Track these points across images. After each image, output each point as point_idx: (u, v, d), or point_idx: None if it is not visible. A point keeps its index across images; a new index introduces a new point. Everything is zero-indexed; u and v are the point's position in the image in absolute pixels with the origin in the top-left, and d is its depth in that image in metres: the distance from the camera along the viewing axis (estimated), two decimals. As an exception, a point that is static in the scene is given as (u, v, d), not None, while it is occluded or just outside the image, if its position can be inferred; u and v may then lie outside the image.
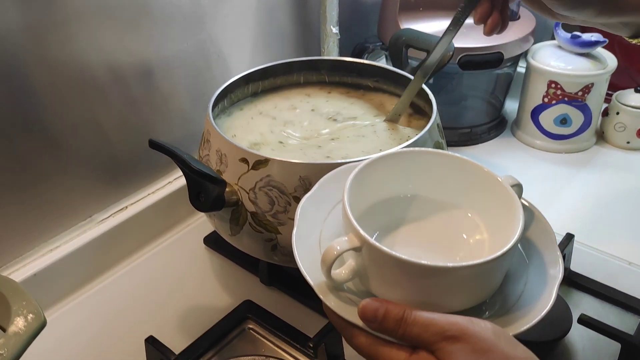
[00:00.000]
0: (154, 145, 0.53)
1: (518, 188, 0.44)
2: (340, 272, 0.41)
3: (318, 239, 0.44)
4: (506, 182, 0.44)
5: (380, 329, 0.38)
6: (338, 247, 0.39)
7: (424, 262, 0.38)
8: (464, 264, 0.38)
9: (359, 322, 0.39)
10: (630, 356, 0.53)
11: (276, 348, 0.56)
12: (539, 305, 0.40)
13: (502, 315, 0.41)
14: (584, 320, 0.54)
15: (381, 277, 0.40)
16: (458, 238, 0.46)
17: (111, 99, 0.66)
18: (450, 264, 0.38)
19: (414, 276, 0.39)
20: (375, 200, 0.46)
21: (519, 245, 0.44)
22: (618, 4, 0.50)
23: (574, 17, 0.53)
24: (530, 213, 0.46)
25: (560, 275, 0.42)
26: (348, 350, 0.55)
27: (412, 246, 0.45)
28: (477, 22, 0.56)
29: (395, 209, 0.47)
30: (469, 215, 0.46)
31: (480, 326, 0.37)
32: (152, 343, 0.53)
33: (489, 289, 0.42)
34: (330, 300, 0.40)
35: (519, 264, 0.44)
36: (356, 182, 0.43)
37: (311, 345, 0.52)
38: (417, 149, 0.48)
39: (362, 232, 0.39)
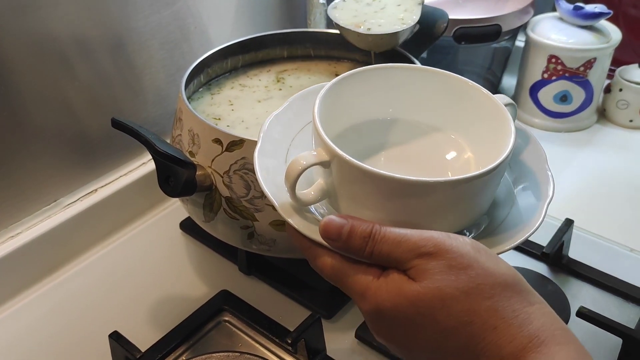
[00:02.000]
0: (117, 124, 0.49)
1: (512, 107, 0.41)
2: (309, 192, 0.37)
3: (284, 158, 0.40)
4: (497, 99, 0.40)
5: (346, 248, 0.34)
6: (303, 162, 0.35)
7: (402, 176, 0.34)
8: (448, 179, 0.34)
9: (323, 241, 0.35)
10: (632, 350, 0.50)
11: (254, 342, 0.53)
12: (527, 225, 0.37)
13: (487, 236, 0.38)
14: (583, 314, 0.51)
15: (353, 196, 0.36)
16: (442, 161, 0.42)
17: (79, 74, 0.62)
18: (432, 179, 0.34)
19: (389, 194, 0.35)
20: (350, 123, 0.42)
21: (508, 167, 0.41)
22: None
23: None
24: (523, 134, 0.43)
25: (550, 194, 0.39)
26: (330, 344, 0.51)
27: (392, 171, 0.41)
28: None
29: (373, 133, 0.43)
30: (453, 137, 0.43)
31: (459, 241, 0.33)
32: (116, 339, 0.49)
33: (475, 212, 0.38)
34: (293, 219, 0.36)
35: (506, 188, 0.41)
36: (328, 97, 0.39)
37: (289, 340, 0.49)
38: (396, 64, 0.43)
39: (331, 144, 0.35)
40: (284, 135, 0.42)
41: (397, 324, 0.34)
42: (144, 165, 0.69)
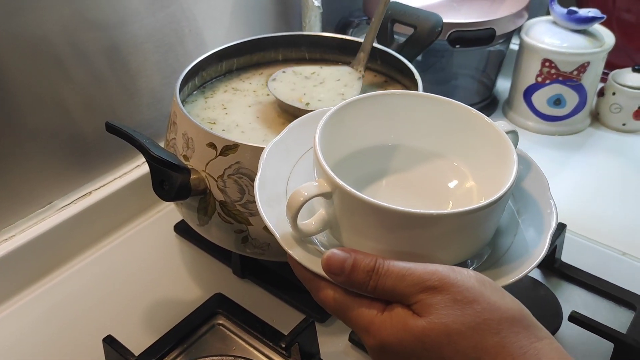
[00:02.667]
0: (111, 128, 0.49)
1: (513, 135, 0.41)
2: (310, 222, 0.37)
3: (285, 187, 0.40)
4: (499, 126, 0.40)
5: (349, 282, 0.34)
6: (305, 193, 0.35)
7: (403, 209, 0.33)
8: (450, 211, 0.34)
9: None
10: (623, 355, 0.50)
11: (248, 346, 0.53)
12: (531, 256, 0.37)
13: (490, 268, 0.37)
14: (575, 318, 0.51)
15: (355, 227, 0.36)
16: (444, 188, 0.42)
17: (73, 76, 0.62)
18: (433, 212, 0.34)
19: (391, 226, 0.34)
20: (351, 149, 0.42)
21: (511, 195, 0.41)
22: None
23: None
24: (524, 161, 0.42)
25: (554, 224, 0.38)
26: (324, 348, 0.51)
27: (394, 199, 0.40)
28: None
29: (375, 159, 0.43)
30: (456, 164, 0.42)
31: (464, 275, 0.33)
32: (110, 343, 0.49)
33: (479, 242, 0.38)
34: (295, 251, 0.36)
35: (509, 215, 0.41)
36: (329, 125, 0.39)
37: (283, 344, 0.49)
38: (398, 91, 0.43)
39: (333, 175, 0.35)
40: (285, 163, 0.41)
41: (402, 359, 0.33)
42: (138, 167, 0.69)
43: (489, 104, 0.88)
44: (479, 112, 0.41)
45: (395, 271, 0.33)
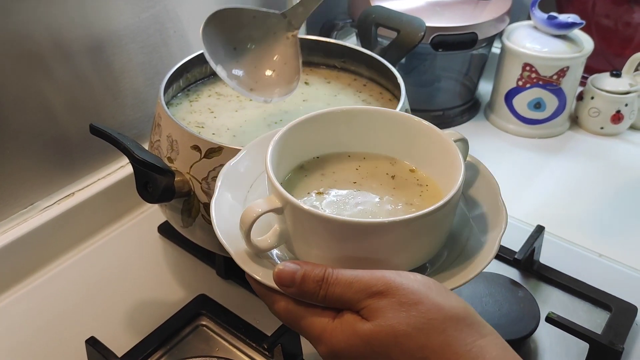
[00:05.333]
0: (96, 131, 0.49)
1: (462, 143, 0.42)
2: (265, 239, 0.38)
3: (242, 205, 0.41)
4: (448, 135, 0.41)
5: (300, 293, 0.35)
6: (258, 209, 0.36)
7: (351, 219, 0.35)
8: (398, 219, 0.35)
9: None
10: (598, 355, 0.51)
11: (231, 347, 0.53)
12: (480, 260, 0.38)
13: (443, 271, 0.39)
14: (552, 319, 0.52)
15: (307, 240, 0.37)
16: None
17: (57, 76, 0.61)
18: (382, 220, 0.35)
19: (342, 237, 0.36)
20: (305, 160, 0.44)
21: (461, 201, 0.42)
22: None
23: None
24: (474, 168, 0.44)
25: (502, 229, 0.40)
26: (307, 349, 0.52)
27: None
28: None
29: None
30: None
31: (409, 278, 0.34)
32: (92, 344, 0.49)
33: (432, 246, 0.39)
34: (249, 267, 0.37)
35: (462, 221, 0.42)
36: (282, 142, 0.40)
37: (266, 345, 0.49)
38: (348, 107, 0.45)
39: (283, 191, 0.36)
40: (242, 182, 0.43)
41: None
42: (122, 168, 0.69)
43: (471, 106, 0.89)
44: (429, 123, 0.42)
45: (343, 279, 0.34)
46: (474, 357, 0.32)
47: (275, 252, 0.41)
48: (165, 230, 0.66)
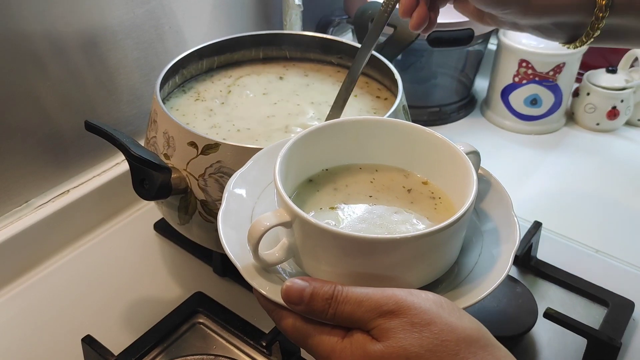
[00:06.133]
0: (91, 127, 0.48)
1: (474, 156, 0.41)
2: (273, 253, 0.37)
3: (250, 217, 0.40)
4: (460, 148, 0.40)
5: (308, 311, 0.34)
6: (266, 223, 0.35)
7: (362, 235, 0.34)
8: (410, 235, 0.34)
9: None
10: (596, 351, 0.51)
11: (228, 345, 0.53)
12: (493, 277, 0.37)
13: (455, 289, 0.38)
14: (550, 315, 0.52)
15: (316, 255, 0.36)
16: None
17: (51, 73, 0.61)
18: (392, 236, 0.34)
19: (352, 252, 0.35)
20: (315, 172, 0.43)
21: (473, 215, 0.41)
22: (540, 3, 0.46)
23: (502, 18, 0.49)
24: (486, 182, 0.43)
25: (516, 244, 0.39)
26: (305, 346, 0.52)
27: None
28: (401, 15, 0.51)
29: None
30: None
31: (421, 297, 0.33)
32: (89, 343, 0.49)
33: (443, 263, 0.38)
34: (256, 282, 0.36)
35: (474, 235, 0.41)
36: (291, 153, 0.39)
37: (264, 343, 0.49)
38: (357, 117, 0.44)
39: (292, 204, 0.35)
40: (250, 193, 0.41)
41: None
42: (118, 165, 0.68)
43: (467, 103, 0.89)
44: (441, 135, 0.41)
45: (353, 297, 0.33)
46: None
47: (283, 266, 0.40)
48: (162, 227, 0.65)
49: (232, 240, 0.38)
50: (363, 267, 0.35)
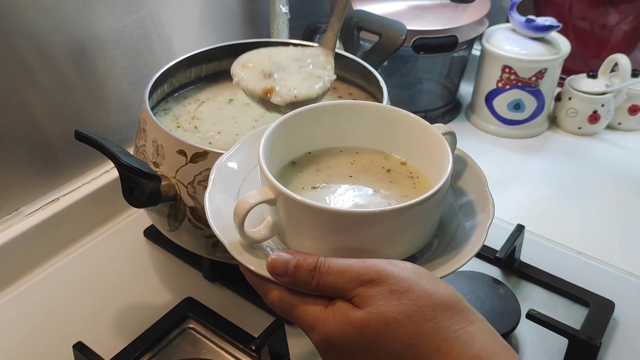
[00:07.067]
0: (81, 136, 0.49)
1: (450, 136, 0.43)
2: (258, 230, 0.39)
3: (236, 197, 0.42)
4: (435, 128, 0.42)
5: (293, 282, 0.36)
6: (251, 201, 0.37)
7: (343, 209, 0.36)
8: (389, 208, 0.36)
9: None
10: (577, 350, 0.53)
11: (218, 349, 0.54)
12: (469, 248, 0.39)
13: (433, 260, 0.40)
14: (532, 316, 0.53)
15: (299, 231, 0.38)
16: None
17: (40, 81, 0.61)
18: (372, 210, 0.36)
19: (334, 227, 0.36)
20: (297, 155, 0.44)
21: (450, 193, 0.43)
22: None
23: None
24: (462, 161, 0.45)
25: (491, 216, 0.41)
26: (293, 349, 0.53)
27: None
28: None
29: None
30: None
31: (400, 267, 0.35)
32: (80, 349, 0.49)
33: (423, 235, 0.40)
34: (243, 257, 0.38)
35: (451, 211, 0.43)
36: (274, 135, 0.41)
37: (253, 347, 0.50)
38: (337, 101, 0.46)
39: (275, 182, 0.37)
40: (236, 175, 0.43)
41: (345, 351, 0.35)
42: (107, 173, 0.69)
43: (452, 108, 0.90)
44: (417, 116, 0.43)
45: (335, 268, 0.35)
46: (462, 343, 0.33)
47: (268, 244, 0.41)
48: (151, 234, 0.66)
49: (218, 219, 0.39)
50: (345, 241, 0.37)
